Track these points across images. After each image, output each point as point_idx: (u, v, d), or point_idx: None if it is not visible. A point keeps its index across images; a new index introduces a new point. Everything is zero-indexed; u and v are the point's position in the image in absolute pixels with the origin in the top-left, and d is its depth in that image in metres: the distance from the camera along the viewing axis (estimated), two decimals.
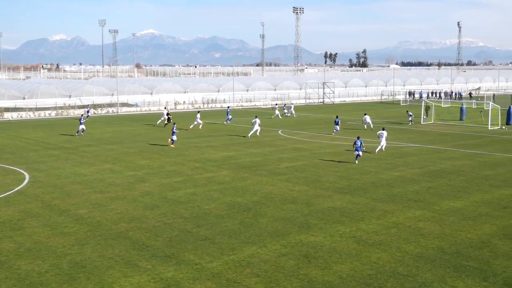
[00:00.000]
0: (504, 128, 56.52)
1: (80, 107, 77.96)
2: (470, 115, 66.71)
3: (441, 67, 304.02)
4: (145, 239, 20.00)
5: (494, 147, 43.26)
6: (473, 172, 32.69)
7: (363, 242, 19.72)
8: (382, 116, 70.71)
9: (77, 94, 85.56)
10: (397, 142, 45.65)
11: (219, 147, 42.86)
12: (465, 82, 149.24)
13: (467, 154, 39.37)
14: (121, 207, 24.60)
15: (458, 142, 45.47)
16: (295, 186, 28.95)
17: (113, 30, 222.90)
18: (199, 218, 22.74)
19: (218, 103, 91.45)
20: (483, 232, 20.87)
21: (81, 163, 35.97)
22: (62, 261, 17.81)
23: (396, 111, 79.34)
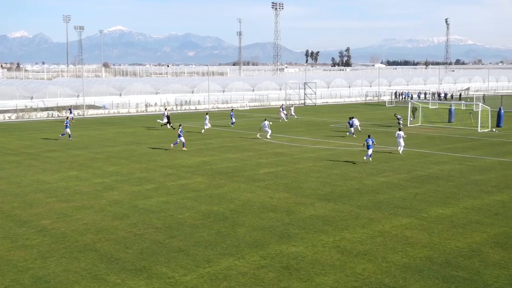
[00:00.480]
0: (494, 131, 57.19)
1: (43, 110, 77.22)
2: (459, 117, 67.45)
3: (428, 67, 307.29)
4: (114, 252, 19.84)
5: (484, 150, 43.81)
6: (463, 177, 33.06)
7: (347, 252, 19.81)
8: (367, 118, 71.19)
9: (40, 95, 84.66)
10: (383, 146, 45.97)
11: (194, 152, 42.75)
12: (453, 82, 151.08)
13: (456, 158, 39.82)
14: (87, 217, 24.38)
15: (446, 146, 45.98)
16: (275, 193, 28.99)
17: (78, 26, 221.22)
18: (172, 228, 22.63)
19: (192, 104, 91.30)
20: (473, 241, 21.10)
21: (44, 170, 35.60)
22: (24, 276, 17.58)
23: (382, 113, 79.97)
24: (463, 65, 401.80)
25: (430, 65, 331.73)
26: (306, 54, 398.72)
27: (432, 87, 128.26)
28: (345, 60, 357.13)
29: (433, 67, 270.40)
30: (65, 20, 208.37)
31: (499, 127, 59.98)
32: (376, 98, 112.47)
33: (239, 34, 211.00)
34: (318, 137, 51.62)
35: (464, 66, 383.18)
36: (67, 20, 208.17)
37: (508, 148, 45.29)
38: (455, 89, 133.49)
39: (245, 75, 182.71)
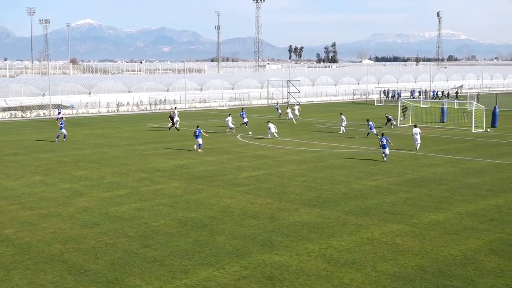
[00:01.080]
0: (489, 131, 57.73)
1: (5, 110, 76.51)
2: (452, 117, 67.95)
3: (419, 63, 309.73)
4: (84, 262, 19.72)
5: (478, 152, 44.22)
6: (456, 181, 33.35)
7: (334, 261, 19.87)
8: (354, 118, 71.50)
9: (2, 94, 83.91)
10: (371, 147, 46.23)
11: (169, 155, 42.64)
12: (446, 79, 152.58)
13: (449, 160, 40.15)
14: (54, 225, 24.19)
15: (439, 147, 46.35)
16: (257, 198, 29.00)
17: (44, 19, 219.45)
18: (146, 237, 22.55)
19: (167, 104, 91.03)
20: (468, 248, 21.28)
21: (6, 175, 35.28)
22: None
23: (371, 113, 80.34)
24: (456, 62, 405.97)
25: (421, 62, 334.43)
26: (289, 50, 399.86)
27: (423, 85, 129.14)
28: (331, 56, 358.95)
29: (424, 64, 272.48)
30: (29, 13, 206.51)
31: (494, 127, 60.51)
32: (364, 96, 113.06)
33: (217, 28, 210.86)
34: (302, 139, 51.74)
35: (457, 62, 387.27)
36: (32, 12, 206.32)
37: (504, 149, 45.77)
38: (448, 86, 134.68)
39: (224, 72, 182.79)
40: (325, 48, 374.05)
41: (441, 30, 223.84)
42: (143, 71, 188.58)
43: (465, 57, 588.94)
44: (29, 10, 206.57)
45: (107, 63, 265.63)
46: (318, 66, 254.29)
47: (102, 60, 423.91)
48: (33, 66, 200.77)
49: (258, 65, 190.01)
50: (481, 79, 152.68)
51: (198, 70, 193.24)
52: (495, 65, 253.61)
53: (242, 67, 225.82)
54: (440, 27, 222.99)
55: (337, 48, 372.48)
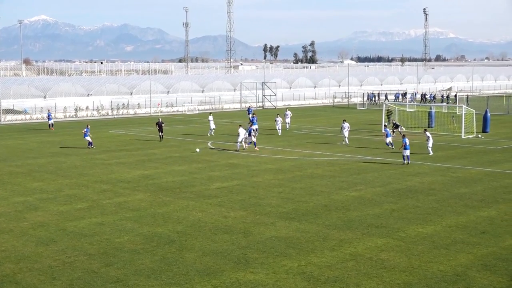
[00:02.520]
0: (480, 137, 58.32)
1: None
2: (440, 121, 68.51)
3: (405, 63, 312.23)
4: (39, 284, 19.55)
5: (469, 159, 44.68)
6: (445, 191, 33.65)
7: (314, 279, 19.94)
8: (334, 124, 71.85)
9: None
10: (354, 155, 46.51)
11: (133, 164, 42.48)
12: (433, 81, 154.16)
13: (438, 169, 40.51)
14: (6, 242, 23.97)
15: (426, 154, 46.72)
16: (230, 211, 29.00)
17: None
18: (108, 255, 22.43)
19: (131, 108, 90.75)
20: (458, 263, 21.48)
21: None
22: None
23: (353, 117, 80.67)
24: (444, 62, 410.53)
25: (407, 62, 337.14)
26: (264, 49, 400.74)
27: (409, 87, 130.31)
28: (309, 56, 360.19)
29: (410, 64, 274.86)
30: None
31: (485, 133, 61.12)
32: (346, 100, 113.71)
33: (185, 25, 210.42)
34: (279, 146, 51.84)
35: (446, 62, 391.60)
36: None
37: (496, 156, 46.29)
38: (436, 89, 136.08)
39: (193, 73, 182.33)
40: (303, 47, 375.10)
41: (428, 28, 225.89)
42: (104, 72, 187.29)
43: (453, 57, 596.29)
44: None
45: (64, 63, 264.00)
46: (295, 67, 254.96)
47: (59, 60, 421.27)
48: None
49: (230, 66, 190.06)
50: (471, 80, 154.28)
51: (165, 71, 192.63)
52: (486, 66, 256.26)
53: (212, 68, 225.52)
54: (427, 24, 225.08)
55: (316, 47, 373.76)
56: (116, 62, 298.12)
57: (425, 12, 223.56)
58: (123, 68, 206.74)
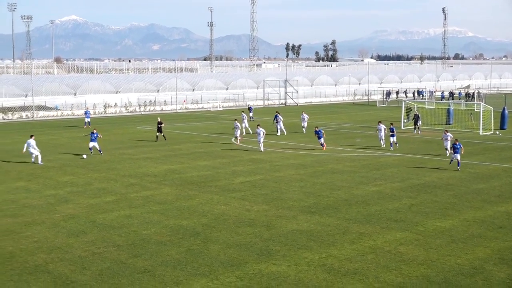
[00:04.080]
0: (498, 134, 57.87)
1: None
2: (458, 118, 67.98)
3: (424, 62, 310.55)
4: (70, 273, 19.73)
5: (486, 156, 44.33)
6: (463, 186, 33.44)
7: (334, 271, 19.92)
8: (353, 120, 71.66)
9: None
10: (373, 151, 46.34)
11: (159, 159, 42.67)
12: (452, 79, 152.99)
13: (456, 165, 40.24)
14: (38, 234, 24.20)
15: (445, 151, 46.37)
16: (253, 205, 29.05)
17: (26, 16, 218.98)
18: (136, 246, 22.57)
19: (157, 105, 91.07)
20: (476, 257, 21.35)
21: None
22: None
23: (373, 114, 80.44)
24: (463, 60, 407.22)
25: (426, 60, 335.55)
26: (286, 48, 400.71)
27: (428, 85, 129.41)
28: (330, 54, 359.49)
29: (429, 62, 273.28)
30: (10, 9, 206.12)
31: (503, 130, 60.61)
32: (366, 97, 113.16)
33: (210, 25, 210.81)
34: (301, 142, 51.78)
35: (464, 61, 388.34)
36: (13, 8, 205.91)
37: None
38: (454, 86, 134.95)
39: (217, 71, 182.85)
40: (324, 46, 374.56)
41: (446, 27, 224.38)
42: (132, 70, 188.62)
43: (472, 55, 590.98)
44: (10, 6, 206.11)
45: (94, 62, 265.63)
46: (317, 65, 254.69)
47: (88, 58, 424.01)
48: (14, 65, 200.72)
49: (253, 64, 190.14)
50: (489, 78, 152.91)
51: (190, 70, 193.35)
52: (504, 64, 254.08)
53: (236, 66, 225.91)
54: (446, 23, 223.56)
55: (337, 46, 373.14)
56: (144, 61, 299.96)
57: (444, 12, 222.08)
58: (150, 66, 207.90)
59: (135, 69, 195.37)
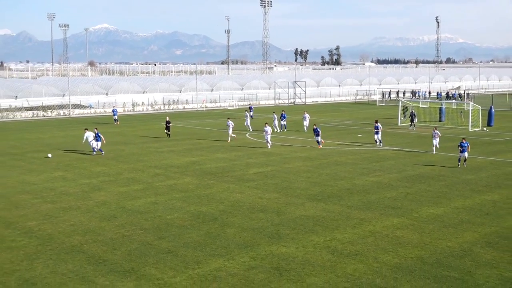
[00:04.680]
0: (485, 130, 57.58)
1: (27, 109, 76.83)
2: (449, 116, 67.74)
3: (419, 65, 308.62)
4: (102, 253, 19.84)
5: (475, 150, 44.06)
6: (454, 177, 33.29)
7: (338, 252, 19.92)
8: (355, 118, 71.43)
9: (24, 94, 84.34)
10: (373, 145, 46.18)
11: (182, 152, 42.75)
12: (444, 81, 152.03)
13: (447, 158, 40.06)
14: (74, 218, 24.35)
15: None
16: (265, 193, 29.06)
17: (63, 24, 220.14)
18: (160, 229, 22.66)
19: (180, 104, 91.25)
20: (465, 240, 21.28)
21: (29, 170, 35.47)
22: (10, 279, 17.55)
23: (372, 112, 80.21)
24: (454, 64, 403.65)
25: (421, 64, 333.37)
26: (295, 53, 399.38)
27: (422, 86, 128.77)
28: (334, 58, 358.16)
29: (424, 66, 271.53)
30: (50, 18, 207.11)
31: (490, 126, 60.35)
32: (367, 97, 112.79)
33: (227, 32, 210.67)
34: (308, 137, 51.71)
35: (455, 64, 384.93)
36: (52, 18, 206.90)
37: (499, 147, 45.63)
38: (446, 87, 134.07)
39: (233, 74, 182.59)
40: (329, 51, 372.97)
41: (439, 34, 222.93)
42: (157, 73, 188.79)
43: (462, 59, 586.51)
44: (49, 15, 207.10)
45: (123, 65, 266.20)
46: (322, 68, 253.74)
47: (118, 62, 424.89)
48: (53, 68, 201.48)
49: (265, 67, 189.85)
50: (477, 80, 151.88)
51: (209, 72, 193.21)
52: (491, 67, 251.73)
53: (250, 69, 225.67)
54: (439, 31, 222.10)
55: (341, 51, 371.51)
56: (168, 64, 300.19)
57: (437, 20, 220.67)
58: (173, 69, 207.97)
59: (160, 71, 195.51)
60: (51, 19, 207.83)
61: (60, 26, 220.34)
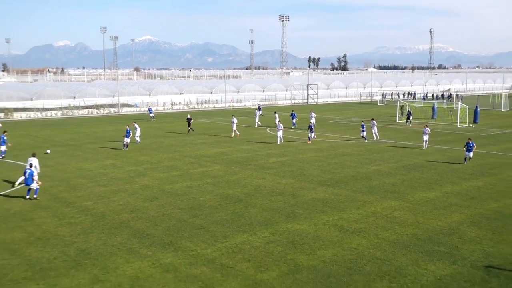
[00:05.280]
0: (471, 126, 56.91)
1: (84, 108, 77.57)
2: (441, 114, 67.12)
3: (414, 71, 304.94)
4: (145, 228, 20.03)
5: (462, 143, 43.40)
6: (444, 166, 32.96)
7: (344, 230, 19.88)
8: (360, 115, 70.92)
9: (81, 95, 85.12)
10: (374, 139, 45.87)
11: (212, 144, 42.88)
12: (436, 84, 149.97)
13: (438, 150, 39.67)
14: (122, 199, 24.59)
15: (430, 139, 45.64)
16: (282, 179, 29.06)
17: (113, 36, 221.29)
18: (194, 209, 22.79)
19: (211, 103, 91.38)
20: (453, 220, 21.11)
21: (85, 159, 35.87)
22: (69, 249, 17.81)
23: (374, 111, 79.58)
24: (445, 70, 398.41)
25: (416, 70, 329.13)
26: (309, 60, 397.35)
27: (418, 89, 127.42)
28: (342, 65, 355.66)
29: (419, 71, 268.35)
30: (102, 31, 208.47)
31: (475, 123, 59.62)
32: (369, 98, 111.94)
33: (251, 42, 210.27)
34: (319, 132, 51.51)
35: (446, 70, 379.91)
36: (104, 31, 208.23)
37: (483, 141, 45.03)
38: (438, 90, 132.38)
39: (256, 78, 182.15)
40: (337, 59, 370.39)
41: (432, 44, 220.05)
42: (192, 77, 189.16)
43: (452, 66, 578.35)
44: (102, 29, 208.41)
45: (163, 70, 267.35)
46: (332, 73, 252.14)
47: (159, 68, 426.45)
48: (105, 73, 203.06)
49: (283, 72, 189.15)
50: (465, 84, 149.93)
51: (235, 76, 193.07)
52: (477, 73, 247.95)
53: (270, 74, 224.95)
54: (432, 41, 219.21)
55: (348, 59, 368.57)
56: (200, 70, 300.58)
57: (431, 32, 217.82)
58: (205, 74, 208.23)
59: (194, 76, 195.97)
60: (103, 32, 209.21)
61: (111, 38, 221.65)
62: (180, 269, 16.04)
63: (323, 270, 15.92)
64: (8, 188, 26.68)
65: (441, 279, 15.35)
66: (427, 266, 16.27)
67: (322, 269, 16.04)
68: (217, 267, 16.13)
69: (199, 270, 15.95)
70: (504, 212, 22.34)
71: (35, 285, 14.95)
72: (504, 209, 22.81)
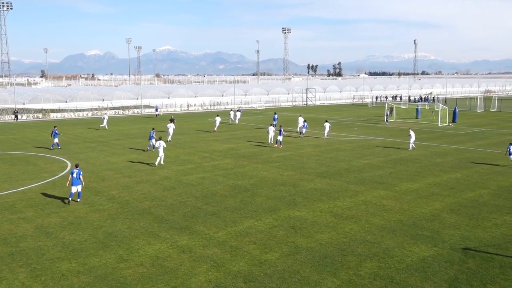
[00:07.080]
0: (450, 125, 56.62)
1: (111, 109, 77.69)
2: (423, 115, 66.80)
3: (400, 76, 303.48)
4: (165, 214, 20.02)
5: (443, 140, 43.36)
6: (426, 160, 32.77)
7: (338, 216, 19.79)
8: (354, 115, 70.65)
9: (109, 98, 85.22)
10: (366, 136, 45.70)
11: (223, 141, 42.82)
12: (419, 88, 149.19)
13: (422, 146, 39.44)
14: (144, 188, 24.59)
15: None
16: (284, 171, 28.98)
17: (137, 46, 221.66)
18: (207, 197, 22.76)
19: (222, 105, 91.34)
20: (434, 208, 20.97)
21: (112, 153, 35.90)
22: (98, 232, 17.83)
23: (365, 111, 79.26)
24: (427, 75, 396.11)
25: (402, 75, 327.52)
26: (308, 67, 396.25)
27: (403, 92, 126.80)
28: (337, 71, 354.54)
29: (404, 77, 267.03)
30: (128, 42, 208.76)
31: (454, 122, 59.30)
32: (361, 100, 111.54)
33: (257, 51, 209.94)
34: (317, 130, 51.38)
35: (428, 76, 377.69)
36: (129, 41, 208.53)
37: (461, 138, 44.77)
38: (421, 93, 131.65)
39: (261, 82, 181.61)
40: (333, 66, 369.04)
41: (416, 53, 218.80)
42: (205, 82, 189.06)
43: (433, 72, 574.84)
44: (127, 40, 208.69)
45: (181, 76, 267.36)
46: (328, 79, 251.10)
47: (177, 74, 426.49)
48: (130, 78, 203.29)
49: (285, 78, 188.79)
50: (445, 88, 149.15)
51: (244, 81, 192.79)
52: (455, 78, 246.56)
53: (274, 79, 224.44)
54: (416, 50, 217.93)
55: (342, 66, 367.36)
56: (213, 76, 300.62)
57: (415, 42, 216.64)
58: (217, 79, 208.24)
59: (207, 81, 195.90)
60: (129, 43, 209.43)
61: (135, 48, 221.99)
62: (194, 250, 16.00)
63: (320, 251, 15.84)
64: (45, 179, 26.75)
65: (424, 260, 15.25)
66: (412, 248, 16.15)
67: (319, 250, 15.96)
68: (227, 248, 16.09)
69: (211, 251, 15.91)
70: (479, 201, 22.17)
71: (68, 264, 14.96)
72: (479, 198, 22.64)
